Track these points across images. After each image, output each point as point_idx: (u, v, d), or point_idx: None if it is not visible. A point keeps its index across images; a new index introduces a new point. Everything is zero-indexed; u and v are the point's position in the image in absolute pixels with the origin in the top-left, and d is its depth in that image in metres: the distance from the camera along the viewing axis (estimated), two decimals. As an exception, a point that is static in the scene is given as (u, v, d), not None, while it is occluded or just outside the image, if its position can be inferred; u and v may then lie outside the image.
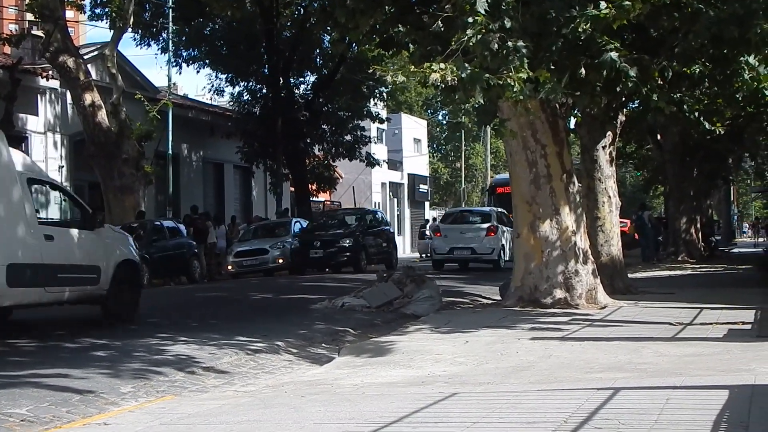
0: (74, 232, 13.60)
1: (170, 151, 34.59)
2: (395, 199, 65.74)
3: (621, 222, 37.25)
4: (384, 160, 51.07)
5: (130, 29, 32.75)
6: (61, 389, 7.96)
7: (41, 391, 7.88)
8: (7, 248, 11.45)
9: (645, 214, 37.46)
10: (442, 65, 10.69)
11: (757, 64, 14.42)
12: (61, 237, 13.04)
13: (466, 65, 10.70)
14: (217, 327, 12.83)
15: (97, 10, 36.21)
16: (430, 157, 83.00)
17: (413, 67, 11.73)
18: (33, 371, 8.87)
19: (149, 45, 40.56)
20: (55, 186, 15.93)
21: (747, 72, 14.53)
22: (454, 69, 10.57)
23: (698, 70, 14.85)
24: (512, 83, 10.74)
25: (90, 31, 73.25)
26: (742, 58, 14.21)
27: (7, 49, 29.72)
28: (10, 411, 7.06)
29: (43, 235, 12.48)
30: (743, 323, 11.76)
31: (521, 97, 11.31)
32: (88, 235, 13.59)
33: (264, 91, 41.09)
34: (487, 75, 10.66)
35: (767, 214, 74.77)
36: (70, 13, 31.89)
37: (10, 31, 33.17)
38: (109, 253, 13.94)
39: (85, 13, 36.45)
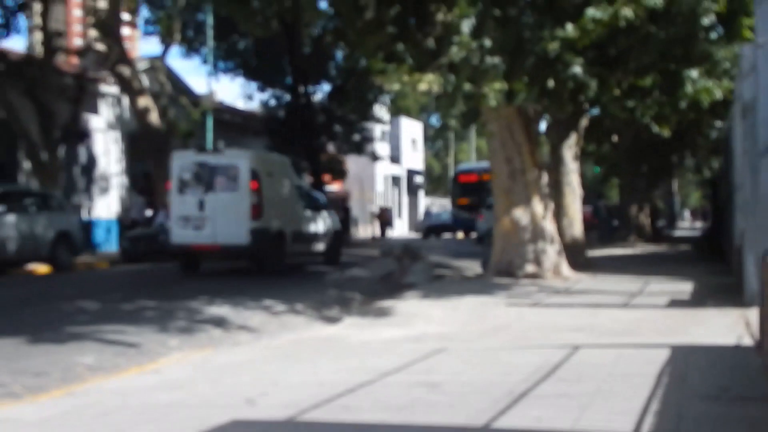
0: (315, 213, 19.76)
1: (210, 147, 34.62)
2: (396, 189, 65.75)
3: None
4: (386, 156, 51.03)
5: (176, 44, 32.76)
6: (119, 342, 8.01)
7: (103, 343, 7.93)
8: (294, 223, 18.29)
9: (600, 203, 38.34)
10: (431, 77, 10.71)
11: (698, 77, 14.44)
12: (311, 216, 19.28)
13: (451, 77, 10.72)
14: (247, 292, 12.86)
15: (149, 29, 36.32)
16: (424, 153, 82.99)
17: (406, 77, 11.74)
18: (96, 327, 8.93)
19: (192, 57, 40.55)
20: (304, 189, 21.58)
21: (689, 85, 14.55)
22: (442, 80, 10.60)
23: (649, 82, 14.86)
24: (488, 93, 10.76)
25: (143, 46, 72.91)
26: (685, 73, 14.23)
27: (74, 60, 29.67)
28: (79, 359, 7.11)
29: (304, 215, 19.01)
30: (682, 293, 11.80)
31: (495, 105, 11.34)
32: (321, 215, 19.98)
33: (287, 97, 41.14)
34: (468, 86, 10.68)
35: (704, 204, 74.64)
36: (126, 31, 31.83)
37: (77, 45, 33.12)
38: (328, 225, 20.07)
39: (139, 29, 36.48)
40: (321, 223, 19.73)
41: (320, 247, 19.78)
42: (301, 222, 18.85)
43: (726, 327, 7.77)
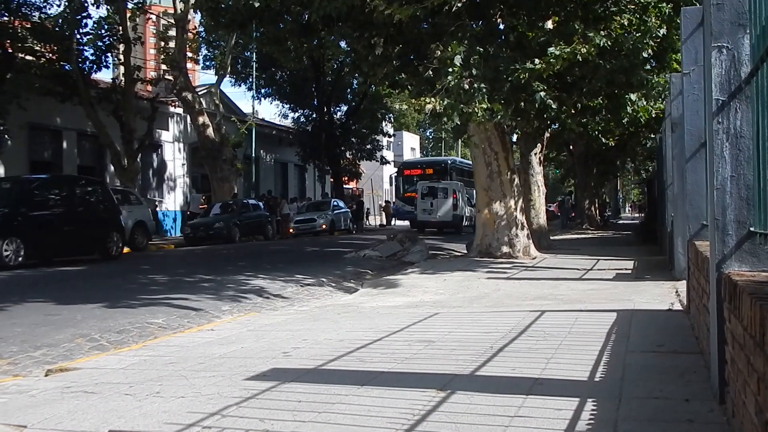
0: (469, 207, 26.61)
1: (253, 155, 34.65)
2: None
3: (549, 205, 37.40)
4: (391, 161, 51.02)
5: (227, 75, 32.75)
6: (183, 307, 8.00)
7: (170, 308, 7.92)
8: (463, 211, 26.84)
9: (565, 199, 39.56)
10: (432, 99, 10.67)
11: (636, 99, 14.37)
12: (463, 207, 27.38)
13: (446, 100, 10.66)
14: (282, 268, 12.86)
15: (207, 63, 36.39)
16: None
17: (413, 100, 11.72)
18: (165, 296, 8.93)
19: (240, 85, 40.80)
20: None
21: (630, 105, 14.47)
22: (440, 101, 10.54)
23: (598, 103, 14.79)
24: (476, 111, 10.70)
25: (202, 76, 73.13)
26: (627, 96, 14.17)
27: (149, 88, 29.72)
28: (152, 320, 7.10)
29: (465, 208, 28.57)
30: (625, 269, 11.75)
31: (482, 120, 11.29)
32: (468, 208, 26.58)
33: (314, 116, 41.19)
34: (461, 106, 10.62)
35: (641, 198, 74.49)
36: (189, 65, 31.86)
37: (151, 76, 33.20)
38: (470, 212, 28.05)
39: (199, 64, 36.57)
40: (468, 210, 30.47)
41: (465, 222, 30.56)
42: (464, 211, 30.88)
43: (660, 295, 7.72)
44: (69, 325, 6.76)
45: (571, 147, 32.28)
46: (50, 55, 24.54)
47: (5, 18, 23.33)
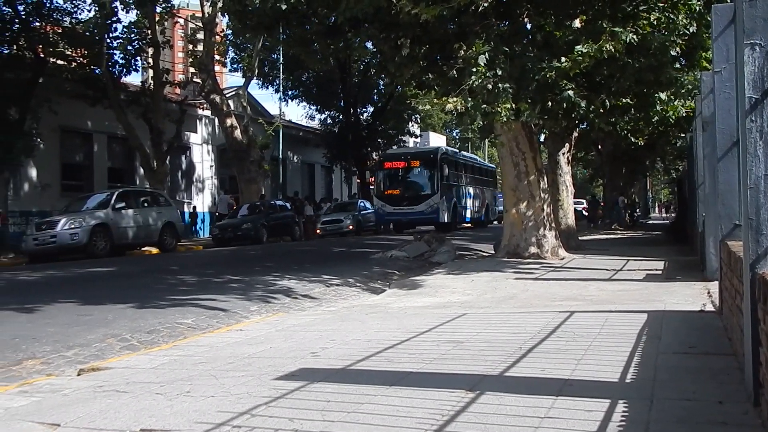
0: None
1: (280, 156, 34.78)
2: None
3: (580, 201, 37.34)
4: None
5: (254, 77, 32.95)
6: (212, 308, 8.05)
7: (199, 308, 7.97)
8: None
9: (594, 198, 39.87)
10: (455, 99, 10.64)
11: (666, 98, 14.19)
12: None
13: (470, 100, 10.62)
14: (309, 269, 12.89)
15: (234, 65, 36.67)
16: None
17: (436, 100, 11.71)
18: (194, 296, 8.99)
19: (267, 87, 40.92)
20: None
21: (659, 104, 14.28)
22: (463, 101, 10.51)
23: (626, 102, 14.65)
24: (501, 111, 10.65)
25: (230, 79, 73.60)
26: (656, 95, 14.00)
27: (177, 90, 30.02)
28: (182, 320, 7.16)
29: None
30: (656, 270, 11.62)
31: (506, 120, 11.23)
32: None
33: (340, 117, 41.26)
34: (484, 106, 10.58)
35: (671, 198, 73.57)
36: (217, 67, 32.12)
37: (180, 79, 33.52)
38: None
39: (226, 66, 36.83)
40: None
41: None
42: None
43: (692, 296, 7.61)
44: (100, 325, 6.84)
45: (599, 146, 32.02)
46: (81, 59, 24.93)
47: (37, 23, 23.73)
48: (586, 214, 39.39)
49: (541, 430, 3.00)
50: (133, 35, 26.07)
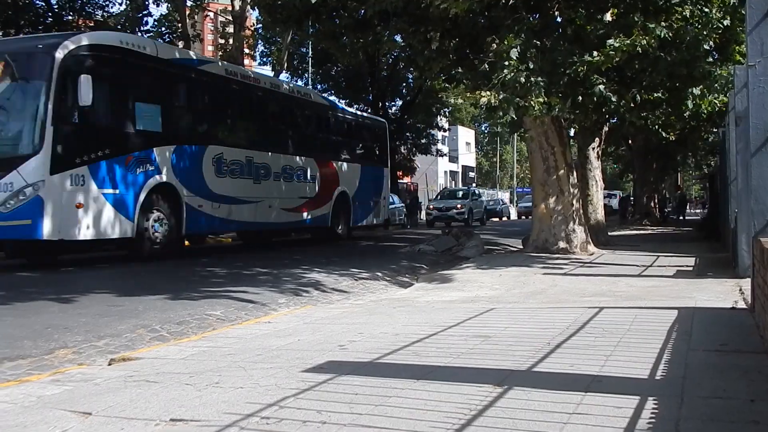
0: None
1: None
2: (453, 182, 65.53)
3: (613, 193, 36.94)
4: (446, 155, 50.90)
5: (284, 71, 33.08)
6: (241, 300, 8.11)
7: (229, 300, 8.04)
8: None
9: (625, 194, 39.77)
10: (487, 92, 10.59)
11: (698, 93, 13.99)
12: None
13: (502, 93, 10.57)
14: (337, 263, 12.93)
15: (264, 59, 36.84)
16: (476, 154, 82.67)
17: (468, 94, 11.68)
18: (224, 288, 9.06)
19: (296, 81, 41.00)
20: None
21: (692, 99, 14.10)
22: (495, 95, 10.46)
23: (658, 96, 14.48)
24: (533, 105, 10.59)
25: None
26: (689, 89, 13.81)
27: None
28: (210, 312, 7.22)
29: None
30: (686, 266, 11.48)
31: (539, 114, 11.16)
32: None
33: (369, 110, 41.27)
34: (517, 99, 10.52)
35: (702, 194, 72.61)
36: (247, 61, 32.29)
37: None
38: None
39: (256, 60, 37.02)
40: None
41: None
42: None
43: (723, 293, 7.52)
44: (131, 315, 6.92)
45: (629, 141, 31.68)
46: (113, 52, 25.14)
47: (70, 17, 24.04)
48: (617, 208, 39.15)
49: (569, 426, 2.98)
50: (163, 29, 26.33)
